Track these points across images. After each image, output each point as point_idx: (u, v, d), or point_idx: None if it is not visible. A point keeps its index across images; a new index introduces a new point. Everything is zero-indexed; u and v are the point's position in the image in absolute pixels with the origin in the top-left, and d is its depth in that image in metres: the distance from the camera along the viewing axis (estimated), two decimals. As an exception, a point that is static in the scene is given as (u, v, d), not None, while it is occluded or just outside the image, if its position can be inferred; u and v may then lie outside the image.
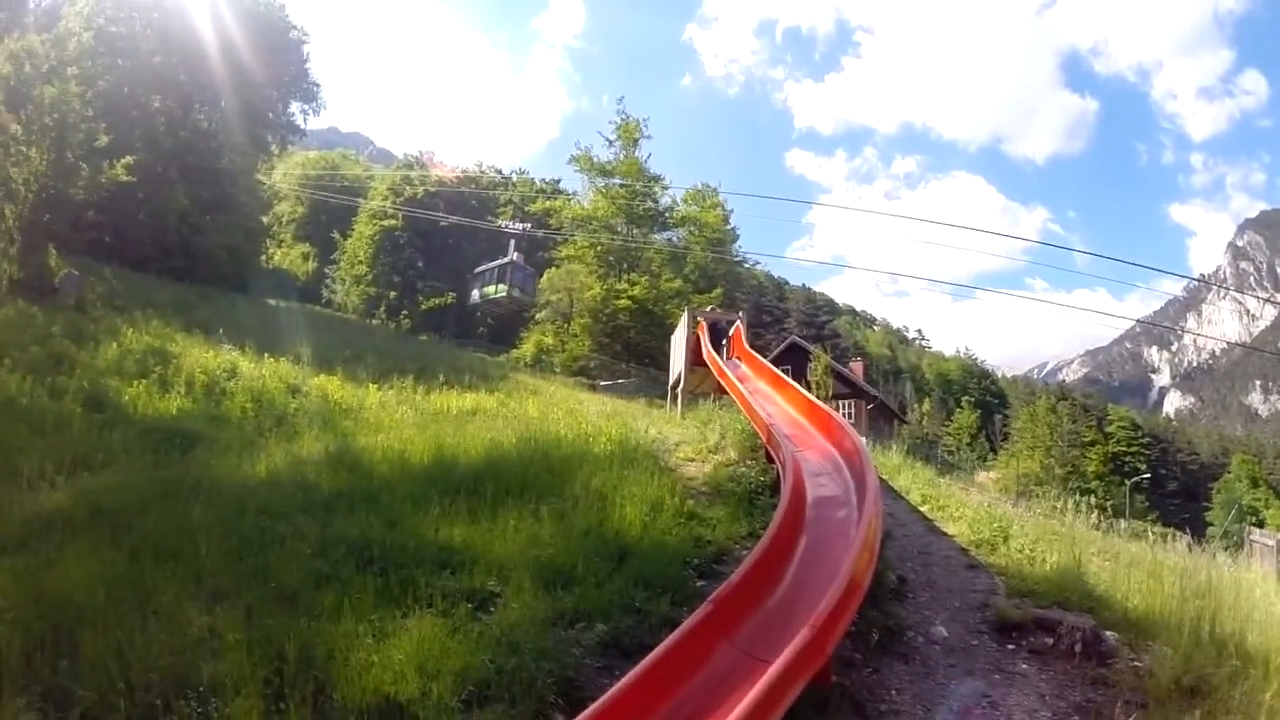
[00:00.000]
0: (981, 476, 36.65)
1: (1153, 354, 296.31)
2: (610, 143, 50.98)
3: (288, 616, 6.23)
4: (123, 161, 24.24)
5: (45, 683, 5.27)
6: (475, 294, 39.16)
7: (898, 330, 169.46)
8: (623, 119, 50.68)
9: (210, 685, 5.26)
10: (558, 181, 67.95)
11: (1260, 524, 51.04)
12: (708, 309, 29.06)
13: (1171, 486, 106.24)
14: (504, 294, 36.81)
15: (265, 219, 44.46)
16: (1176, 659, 6.33)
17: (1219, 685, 6.08)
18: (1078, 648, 6.94)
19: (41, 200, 19.94)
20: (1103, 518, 13.77)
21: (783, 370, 19.12)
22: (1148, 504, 64.92)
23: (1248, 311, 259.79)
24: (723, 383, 19.47)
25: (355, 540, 8.02)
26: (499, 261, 37.48)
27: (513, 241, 36.44)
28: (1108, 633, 7.25)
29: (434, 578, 7.27)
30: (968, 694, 6.27)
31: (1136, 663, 6.73)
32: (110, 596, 6.26)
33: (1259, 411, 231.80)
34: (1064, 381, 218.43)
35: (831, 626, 5.85)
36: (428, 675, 5.57)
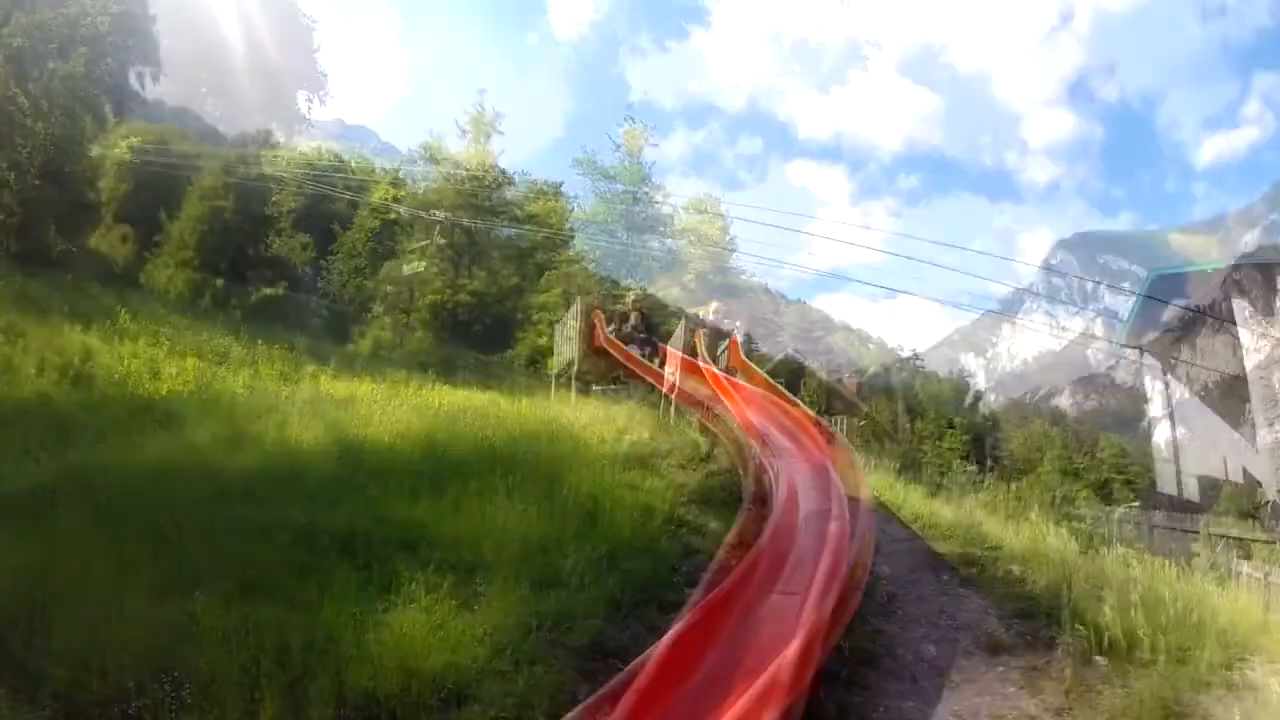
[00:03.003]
0: (971, 498, 36.59)
1: (1146, 383, 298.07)
2: (617, 147, 51.00)
3: (267, 605, 6.11)
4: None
5: (16, 660, 5.14)
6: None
7: (892, 349, 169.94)
8: (630, 125, 50.71)
9: (185, 670, 5.14)
10: (559, 184, 67.82)
11: (1248, 556, 51.12)
12: (707, 312, 28.94)
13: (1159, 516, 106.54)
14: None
15: (265, 209, 44.45)
16: (1167, 686, 6.25)
17: (1210, 713, 6.01)
18: (1068, 671, 6.84)
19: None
20: (1093, 543, 13.72)
21: (777, 384, 18.99)
22: (1136, 531, 64.90)
23: (1241, 345, 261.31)
24: (718, 392, 19.35)
25: (339, 530, 7.91)
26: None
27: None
28: (1098, 657, 7.16)
29: (417, 572, 7.15)
30: (956, 715, 6.17)
31: (1127, 688, 6.64)
32: (87, 575, 6.13)
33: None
34: (1057, 407, 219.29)
35: (821, 639, 5.74)
36: (408, 672, 5.46)
